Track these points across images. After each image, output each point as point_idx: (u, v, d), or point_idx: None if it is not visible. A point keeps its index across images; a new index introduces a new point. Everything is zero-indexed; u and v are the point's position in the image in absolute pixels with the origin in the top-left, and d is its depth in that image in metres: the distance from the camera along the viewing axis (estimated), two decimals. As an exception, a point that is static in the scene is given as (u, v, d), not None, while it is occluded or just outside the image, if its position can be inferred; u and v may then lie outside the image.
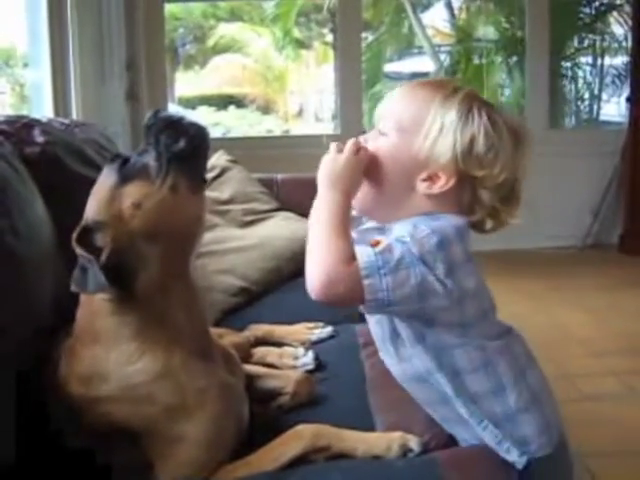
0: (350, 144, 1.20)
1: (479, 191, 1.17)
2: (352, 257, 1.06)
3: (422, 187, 1.17)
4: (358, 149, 1.19)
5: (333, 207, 1.14)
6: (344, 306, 1.14)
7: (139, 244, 1.21)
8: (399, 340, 1.20)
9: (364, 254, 1.06)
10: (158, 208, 1.22)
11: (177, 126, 1.27)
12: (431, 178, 1.16)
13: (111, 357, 1.23)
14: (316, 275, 1.08)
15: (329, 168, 1.19)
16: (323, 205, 1.16)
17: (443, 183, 1.15)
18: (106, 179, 1.27)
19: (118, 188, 1.23)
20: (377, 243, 1.09)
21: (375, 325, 1.26)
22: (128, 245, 1.21)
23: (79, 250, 1.19)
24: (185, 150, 1.25)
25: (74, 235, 1.21)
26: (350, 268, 1.05)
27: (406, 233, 1.09)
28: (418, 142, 1.16)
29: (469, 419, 1.19)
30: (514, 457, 1.19)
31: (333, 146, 1.21)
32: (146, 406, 1.21)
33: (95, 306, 1.24)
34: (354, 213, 1.23)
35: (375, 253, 1.06)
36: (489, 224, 1.22)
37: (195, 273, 1.32)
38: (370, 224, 1.29)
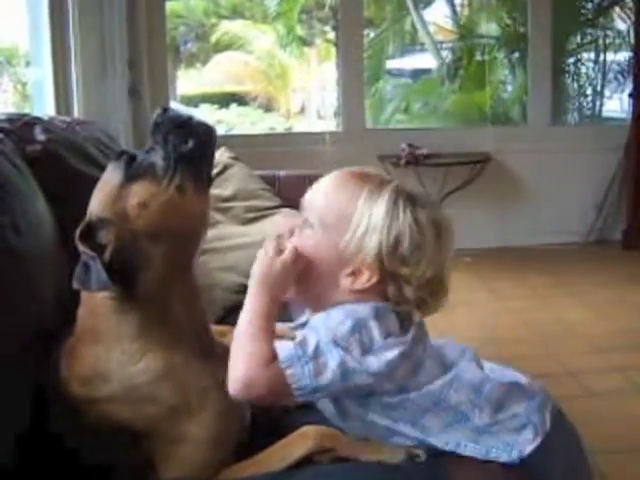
0: (289, 251, 1.19)
1: (404, 287, 1.17)
2: (272, 358, 1.11)
3: (346, 282, 1.18)
4: (294, 257, 1.19)
5: (260, 309, 1.17)
6: (268, 403, 1.20)
7: (143, 243, 1.20)
8: (348, 415, 1.22)
9: (284, 348, 1.11)
10: (164, 208, 1.21)
11: (186, 126, 1.26)
12: (355, 274, 1.17)
13: (112, 357, 1.22)
14: (236, 377, 1.11)
15: (265, 271, 1.19)
16: (252, 306, 1.18)
17: (366, 280, 1.17)
18: (112, 176, 1.25)
19: (124, 186, 1.22)
20: (296, 339, 1.14)
21: (321, 402, 1.26)
22: (131, 244, 1.20)
23: (82, 247, 1.18)
24: (193, 151, 1.24)
25: (77, 231, 1.21)
26: (269, 370, 1.10)
27: (320, 322, 1.14)
28: (344, 239, 1.17)
29: (446, 447, 1.19)
30: (506, 459, 1.18)
31: (271, 246, 1.21)
32: (148, 406, 1.20)
33: (97, 304, 1.23)
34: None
35: (294, 345, 1.11)
36: (416, 314, 1.23)
37: (197, 271, 1.32)
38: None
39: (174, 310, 1.25)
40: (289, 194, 2.81)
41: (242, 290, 2.14)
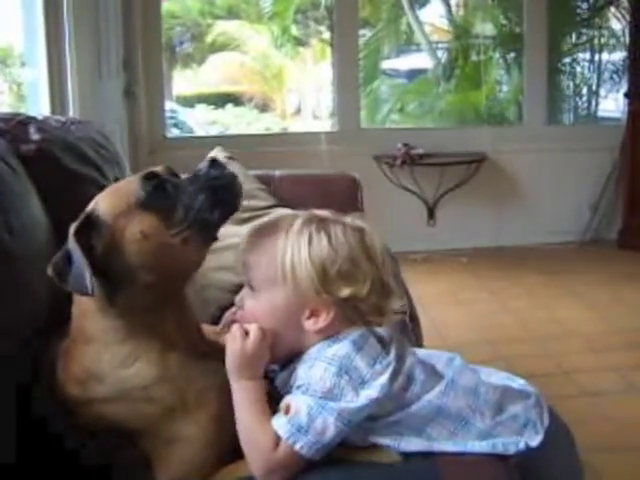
0: (254, 330, 1.20)
1: (358, 305, 1.19)
2: (277, 438, 1.12)
3: (309, 325, 1.19)
4: (263, 335, 1.20)
5: (250, 395, 1.18)
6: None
7: (129, 265, 1.19)
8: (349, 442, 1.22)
9: (281, 427, 1.12)
10: (162, 249, 1.20)
11: (217, 194, 1.25)
12: (313, 314, 1.19)
13: (104, 359, 1.21)
14: (256, 469, 1.13)
15: (240, 360, 1.19)
16: (241, 396, 1.18)
17: (325, 315, 1.18)
18: (134, 192, 1.23)
19: (138, 208, 1.21)
20: (287, 407, 1.14)
21: None
22: (117, 261, 1.19)
23: (75, 244, 1.16)
24: (216, 222, 1.26)
25: (75, 224, 1.19)
26: (280, 449, 1.11)
27: (305, 378, 1.15)
28: (283, 290, 1.19)
29: (455, 448, 1.19)
30: (514, 450, 1.19)
31: (236, 331, 1.21)
32: (144, 406, 1.20)
33: (84, 304, 1.22)
34: None
35: (288, 420, 1.12)
36: (381, 321, 1.23)
37: (189, 290, 1.32)
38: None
39: (161, 325, 1.24)
40: (284, 194, 2.80)
41: (237, 290, 2.16)
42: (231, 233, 2.45)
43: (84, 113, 3.47)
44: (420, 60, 6.23)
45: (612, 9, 5.80)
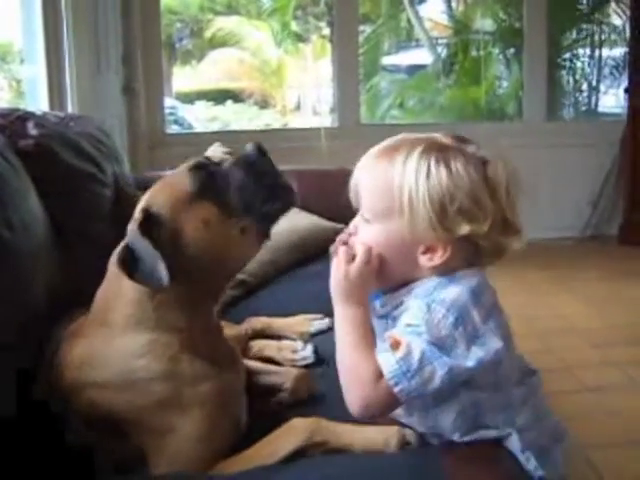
0: (361, 254, 1.16)
1: (479, 241, 1.14)
2: (379, 372, 1.08)
3: (424, 260, 1.15)
4: (368, 258, 1.17)
5: (352, 322, 1.14)
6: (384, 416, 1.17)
7: (185, 255, 1.21)
8: (415, 410, 1.20)
9: (387, 364, 1.08)
10: (221, 238, 1.23)
11: (280, 187, 1.30)
12: (429, 250, 1.14)
13: (118, 343, 1.23)
14: (353, 400, 1.11)
15: (344, 284, 1.16)
16: (343, 322, 1.15)
17: (442, 253, 1.14)
18: (187, 183, 1.25)
19: (195, 199, 1.23)
20: (396, 343, 1.09)
21: None
22: (175, 252, 1.20)
23: (141, 238, 1.18)
24: (276, 213, 1.29)
25: (136, 220, 1.21)
26: (380, 385, 1.08)
27: (421, 320, 1.09)
28: (399, 223, 1.14)
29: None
30: (531, 466, 1.18)
31: (342, 254, 1.18)
32: (140, 398, 1.20)
33: (125, 289, 1.23)
34: None
35: (397, 360, 1.07)
36: (498, 259, 1.20)
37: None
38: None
39: (190, 326, 1.25)
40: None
41: (237, 285, 2.16)
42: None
43: (83, 109, 3.45)
44: (420, 56, 6.22)
45: (612, 4, 5.80)
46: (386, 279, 1.19)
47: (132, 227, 1.20)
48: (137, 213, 1.23)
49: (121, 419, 1.20)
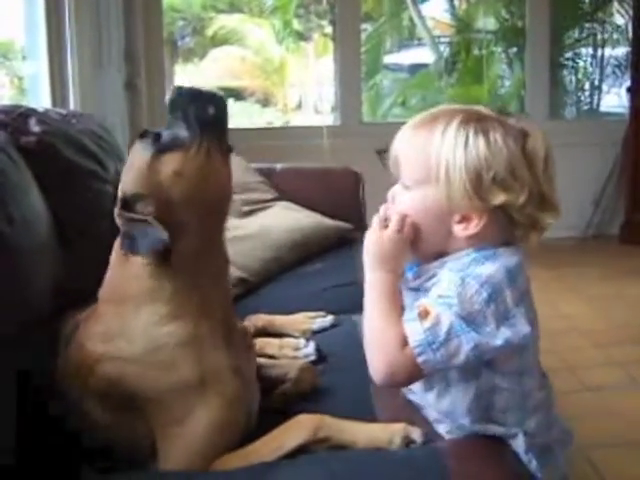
0: (395, 222, 1.18)
1: (514, 214, 1.15)
2: (405, 340, 1.08)
3: (459, 230, 1.16)
4: (402, 225, 1.18)
5: (382, 288, 1.15)
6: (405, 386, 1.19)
7: (178, 211, 1.25)
8: (434, 386, 1.20)
9: (414, 333, 1.08)
10: (197, 174, 1.26)
11: (202, 96, 1.32)
12: (464, 219, 1.15)
13: (141, 317, 1.24)
14: (377, 366, 1.11)
15: (375, 249, 1.18)
16: (372, 287, 1.16)
17: (477, 222, 1.14)
18: (141, 153, 1.29)
19: (156, 159, 1.26)
20: (425, 312, 1.09)
21: None
22: (168, 213, 1.24)
23: (128, 215, 1.24)
24: (215, 116, 1.31)
25: (117, 207, 1.26)
26: (405, 352, 1.08)
27: (453, 292, 1.09)
28: (435, 191, 1.15)
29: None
30: (533, 468, 1.18)
31: (376, 221, 1.20)
32: (163, 374, 1.21)
33: (133, 269, 1.26)
34: None
35: (424, 330, 1.07)
36: (534, 237, 1.19)
37: (225, 247, 1.36)
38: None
39: (203, 280, 1.28)
40: (286, 187, 2.80)
41: (239, 283, 2.16)
42: (232, 226, 2.45)
43: (85, 106, 3.45)
44: (422, 54, 6.22)
45: (615, 4, 5.78)
46: (420, 249, 1.20)
47: (116, 214, 1.26)
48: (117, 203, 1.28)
49: (141, 396, 1.21)
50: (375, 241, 1.18)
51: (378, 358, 1.10)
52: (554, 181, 1.17)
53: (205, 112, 1.29)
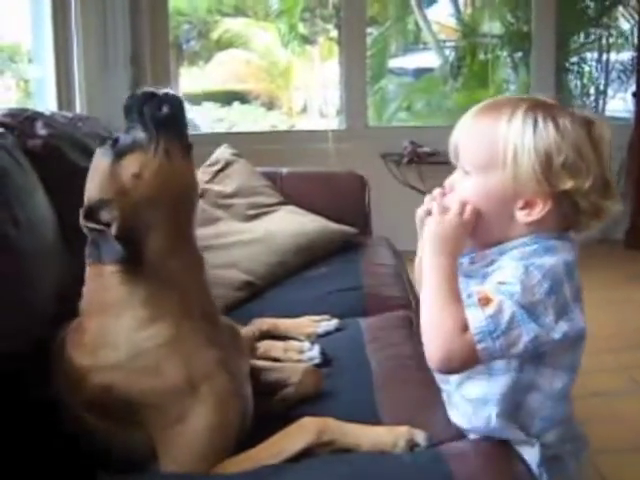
0: (456, 207, 1.18)
1: (578, 200, 1.15)
2: (465, 324, 1.08)
3: (521, 216, 1.16)
4: (463, 210, 1.18)
5: (442, 272, 1.15)
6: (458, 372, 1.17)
7: (143, 213, 1.25)
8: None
9: (475, 319, 1.07)
10: (157, 174, 1.26)
11: (156, 97, 1.33)
12: (528, 204, 1.15)
13: (122, 324, 1.24)
14: (434, 350, 1.10)
15: (435, 233, 1.18)
16: (432, 271, 1.16)
17: (541, 207, 1.14)
18: (101, 159, 1.30)
19: (115, 164, 1.27)
20: (486, 299, 1.09)
21: None
22: (133, 215, 1.25)
23: (90, 224, 1.24)
24: (170, 115, 1.31)
25: (81, 215, 1.26)
26: (464, 337, 1.07)
27: (516, 279, 1.09)
28: (500, 175, 1.15)
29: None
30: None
31: (435, 206, 1.20)
32: (152, 377, 1.21)
33: (105, 278, 1.26)
34: None
35: (485, 317, 1.07)
36: (595, 224, 1.20)
37: (196, 242, 1.36)
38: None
39: (178, 277, 1.28)
40: (291, 191, 2.80)
41: (244, 287, 2.16)
42: (237, 230, 2.46)
43: (91, 109, 3.46)
44: (427, 59, 6.21)
45: (621, 8, 5.77)
46: (480, 234, 1.20)
47: (81, 224, 1.26)
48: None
49: (134, 402, 1.21)
50: (436, 224, 1.18)
51: (436, 343, 1.09)
52: (613, 171, 1.19)
53: (160, 112, 1.30)
